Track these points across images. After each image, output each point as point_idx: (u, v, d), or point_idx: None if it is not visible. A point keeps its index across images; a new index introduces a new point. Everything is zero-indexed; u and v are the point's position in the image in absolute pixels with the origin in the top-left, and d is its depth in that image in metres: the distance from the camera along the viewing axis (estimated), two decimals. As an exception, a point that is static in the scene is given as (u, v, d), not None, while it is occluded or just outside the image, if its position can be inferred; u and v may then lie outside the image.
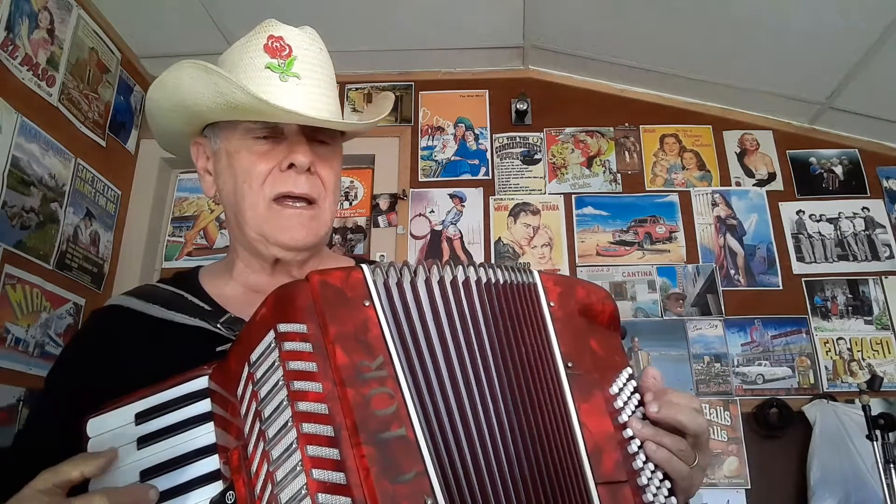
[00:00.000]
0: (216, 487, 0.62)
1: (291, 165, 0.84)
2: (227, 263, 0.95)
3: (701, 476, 0.74)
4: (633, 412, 0.71)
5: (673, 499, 0.68)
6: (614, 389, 0.71)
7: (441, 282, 0.68)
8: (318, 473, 0.53)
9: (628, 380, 0.73)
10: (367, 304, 0.63)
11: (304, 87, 0.85)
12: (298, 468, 0.54)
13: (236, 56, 0.86)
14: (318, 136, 0.88)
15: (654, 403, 0.71)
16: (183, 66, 0.82)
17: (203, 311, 0.84)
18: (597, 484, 0.64)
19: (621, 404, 0.70)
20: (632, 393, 0.72)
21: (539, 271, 0.75)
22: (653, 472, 0.68)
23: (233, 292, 0.91)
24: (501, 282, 0.71)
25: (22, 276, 1.82)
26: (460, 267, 0.70)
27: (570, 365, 0.70)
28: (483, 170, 2.51)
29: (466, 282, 0.69)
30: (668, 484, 0.69)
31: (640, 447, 0.69)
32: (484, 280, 0.70)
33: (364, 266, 0.66)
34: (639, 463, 0.67)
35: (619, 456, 0.67)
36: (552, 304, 0.73)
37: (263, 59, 0.84)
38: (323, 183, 0.87)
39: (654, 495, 0.67)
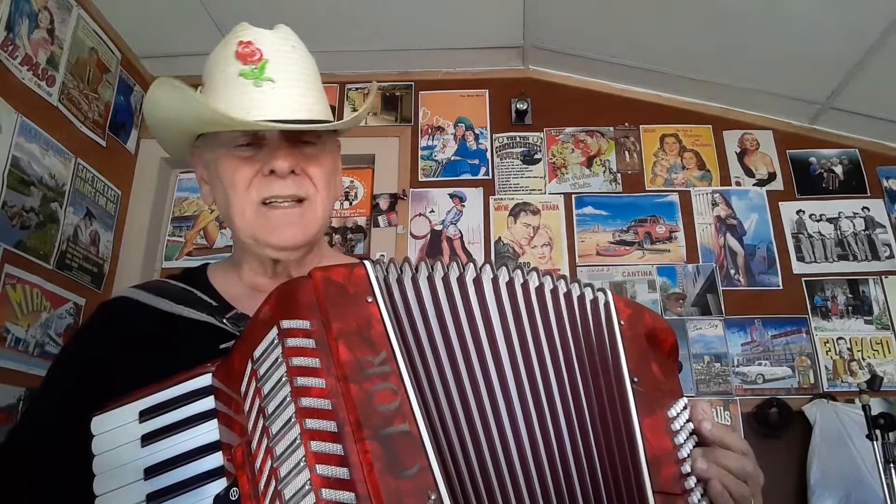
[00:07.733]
0: (220, 484, 0.62)
1: (273, 171, 0.84)
2: (234, 263, 0.97)
3: None
4: (687, 439, 0.73)
5: None
6: (672, 413, 0.73)
7: (479, 281, 0.69)
8: (321, 469, 0.53)
9: (684, 408, 0.75)
10: (369, 300, 0.63)
11: (280, 91, 0.84)
12: (302, 464, 0.54)
13: (212, 65, 0.87)
14: (302, 138, 0.87)
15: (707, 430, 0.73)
16: (159, 84, 0.84)
17: (210, 306, 0.85)
18: (654, 491, 0.66)
19: (678, 427, 0.73)
20: (686, 421, 0.74)
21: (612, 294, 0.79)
22: (703, 495, 0.70)
23: (239, 290, 0.92)
24: (577, 294, 0.74)
25: (22, 276, 1.82)
26: (533, 273, 0.72)
27: (635, 380, 0.72)
28: (483, 170, 2.51)
29: (540, 288, 0.72)
30: None
31: (690, 471, 0.70)
32: (563, 290, 0.73)
33: (367, 262, 0.65)
34: (691, 484, 0.69)
35: (677, 471, 0.69)
36: (622, 322, 0.76)
37: (236, 66, 0.83)
38: (313, 181, 0.87)
39: None
